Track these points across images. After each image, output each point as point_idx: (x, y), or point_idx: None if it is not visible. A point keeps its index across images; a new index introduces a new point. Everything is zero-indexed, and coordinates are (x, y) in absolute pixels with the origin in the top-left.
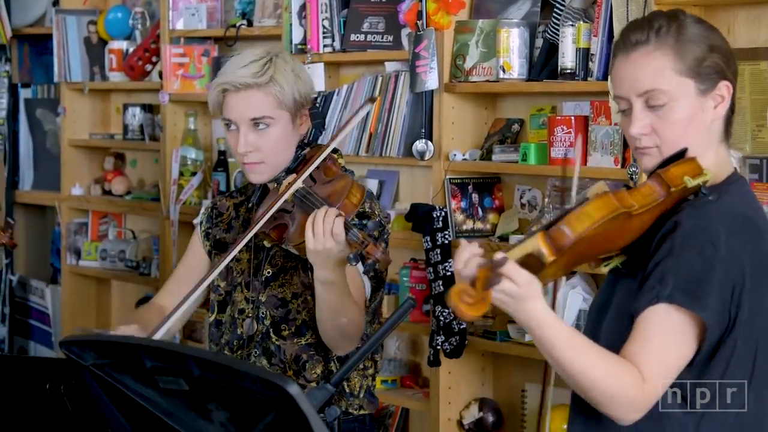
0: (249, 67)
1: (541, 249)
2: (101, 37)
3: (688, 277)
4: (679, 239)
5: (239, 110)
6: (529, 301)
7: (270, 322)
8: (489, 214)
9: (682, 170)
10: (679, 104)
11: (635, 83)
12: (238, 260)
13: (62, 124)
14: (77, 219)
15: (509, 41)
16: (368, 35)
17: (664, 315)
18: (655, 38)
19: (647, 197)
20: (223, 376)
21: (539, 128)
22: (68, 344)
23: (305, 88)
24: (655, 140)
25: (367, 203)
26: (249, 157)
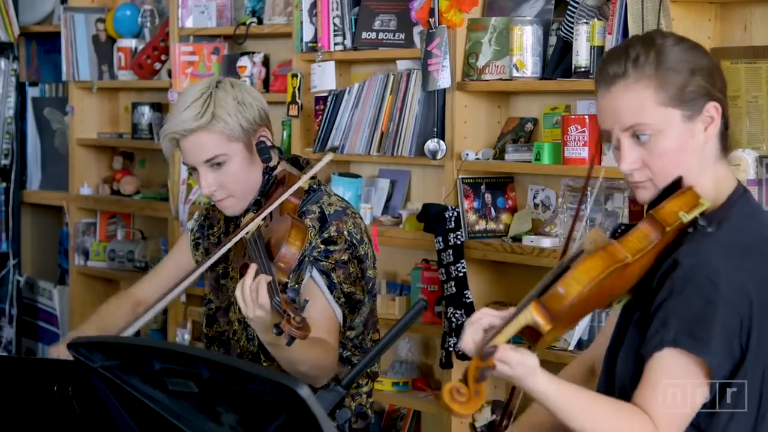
0: (189, 109)
1: (536, 319)
2: (110, 35)
3: (691, 319)
4: (679, 279)
5: (192, 154)
6: (527, 379)
7: (258, 343)
8: (502, 215)
9: (677, 205)
10: (666, 135)
11: (618, 118)
12: (231, 278)
13: (70, 124)
14: (85, 219)
15: (522, 39)
16: (380, 33)
17: (670, 360)
18: (633, 69)
19: (641, 242)
20: (233, 379)
21: (553, 127)
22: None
23: (252, 113)
24: (647, 174)
25: (333, 226)
26: (216, 195)
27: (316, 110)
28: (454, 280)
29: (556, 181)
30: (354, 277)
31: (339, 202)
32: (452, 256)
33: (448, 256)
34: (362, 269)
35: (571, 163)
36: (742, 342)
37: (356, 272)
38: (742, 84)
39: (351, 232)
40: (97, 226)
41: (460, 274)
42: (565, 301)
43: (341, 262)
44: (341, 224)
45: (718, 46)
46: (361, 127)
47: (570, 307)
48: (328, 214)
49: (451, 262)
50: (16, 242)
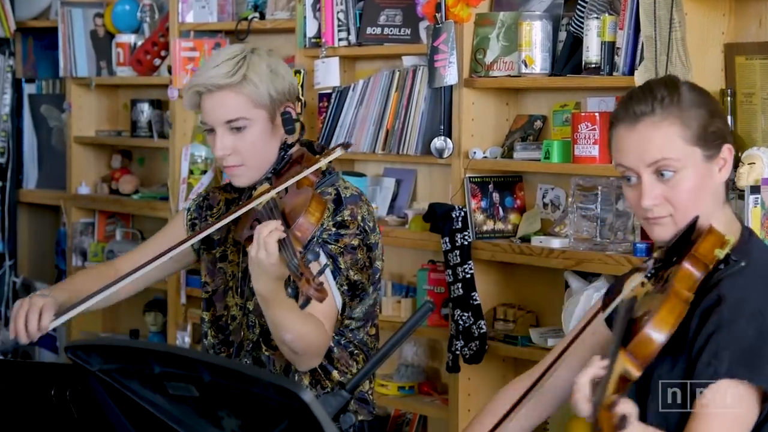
0: (221, 66)
1: (628, 369)
2: (108, 31)
3: (744, 350)
4: (726, 313)
5: (213, 113)
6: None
7: (259, 331)
8: (510, 215)
9: (711, 244)
10: (688, 172)
11: (644, 154)
12: (229, 262)
13: (68, 121)
14: (83, 219)
15: (531, 34)
16: (385, 28)
17: (726, 390)
18: (660, 108)
19: (690, 280)
20: (234, 382)
21: (563, 125)
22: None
23: (283, 85)
24: (669, 209)
25: (347, 210)
26: (228, 160)
27: (320, 107)
28: (461, 281)
29: (565, 180)
30: (361, 264)
31: (354, 188)
32: (459, 257)
33: (455, 257)
34: (370, 258)
35: (581, 161)
36: None
37: (364, 259)
38: (757, 80)
39: (365, 218)
40: (95, 226)
41: (467, 276)
42: (654, 345)
43: (350, 247)
44: (356, 209)
45: (732, 41)
46: (366, 125)
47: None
48: (344, 197)
49: (458, 263)
50: (12, 243)
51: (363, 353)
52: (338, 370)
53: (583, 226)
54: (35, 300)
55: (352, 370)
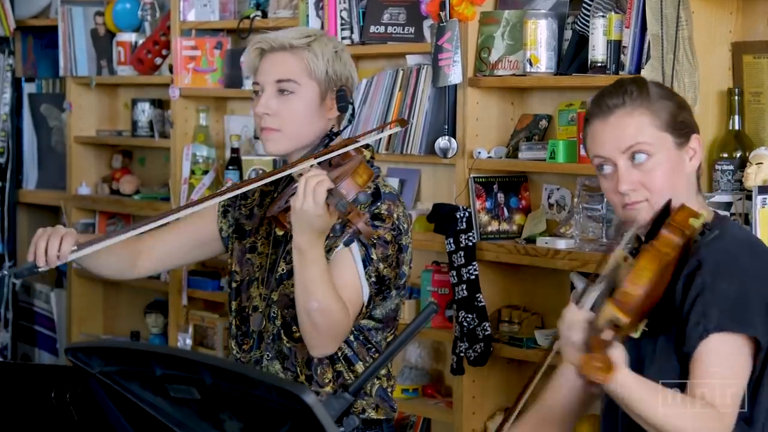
0: (291, 32)
1: (616, 315)
2: (109, 29)
3: (730, 305)
4: (708, 274)
5: (268, 71)
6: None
7: (281, 322)
8: (515, 215)
9: (685, 215)
10: (661, 157)
11: (618, 142)
12: (259, 253)
13: (68, 120)
14: (84, 220)
15: (537, 33)
16: (388, 27)
17: (718, 344)
18: (630, 100)
19: (670, 244)
20: (236, 385)
21: (568, 124)
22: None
23: (342, 70)
24: (644, 193)
25: (385, 205)
26: (267, 121)
27: None
28: (465, 282)
29: (571, 181)
30: (391, 260)
31: (392, 187)
32: (464, 258)
33: (460, 258)
34: (399, 259)
35: (587, 161)
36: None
37: (394, 257)
38: (764, 79)
39: (400, 218)
40: (95, 227)
41: (471, 277)
42: (638, 291)
43: (383, 240)
44: (393, 206)
45: (739, 40)
46: (370, 124)
47: (642, 298)
48: (383, 192)
49: (462, 264)
50: (11, 243)
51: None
52: (363, 361)
53: (589, 227)
54: (58, 228)
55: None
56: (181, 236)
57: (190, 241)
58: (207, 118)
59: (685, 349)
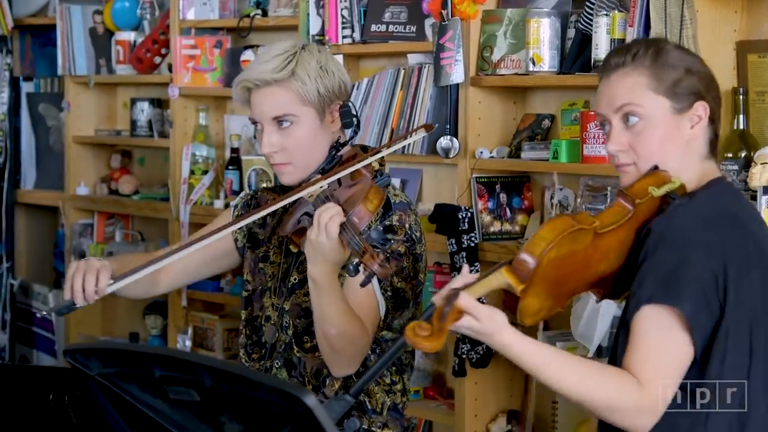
0: (270, 62)
1: (508, 281)
2: (107, 28)
3: (663, 275)
4: (651, 243)
5: (261, 109)
6: (496, 335)
7: (293, 332)
8: (518, 215)
9: (647, 183)
10: (654, 121)
11: (612, 100)
12: (271, 263)
13: (66, 120)
14: (82, 220)
15: (539, 32)
16: (390, 25)
17: (648, 316)
18: (631, 61)
19: (615, 215)
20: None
21: (571, 124)
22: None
23: (333, 83)
24: (632, 156)
25: (396, 215)
26: (275, 158)
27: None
28: None
29: (574, 181)
30: (406, 273)
31: (402, 195)
32: (466, 258)
33: (462, 258)
34: (415, 269)
35: (590, 161)
36: (720, 298)
37: (409, 269)
38: None
39: (412, 227)
40: (94, 228)
41: None
42: (532, 259)
43: (397, 253)
44: (404, 216)
45: (744, 39)
46: (371, 124)
47: (538, 268)
48: (393, 202)
49: None
50: (9, 244)
51: (396, 366)
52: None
53: None
54: (92, 262)
55: (386, 380)
56: (199, 253)
57: (207, 254)
58: (207, 117)
59: (626, 319)
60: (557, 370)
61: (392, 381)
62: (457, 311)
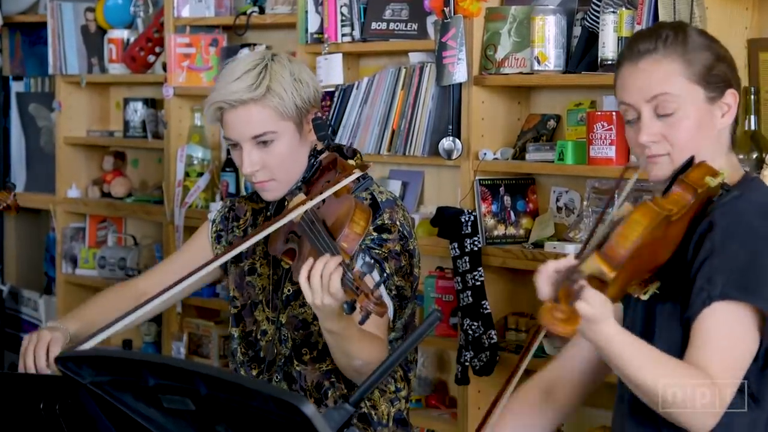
0: (242, 79)
1: (601, 268)
2: (100, 26)
3: (737, 271)
4: (718, 237)
5: (238, 129)
6: (601, 323)
7: (291, 345)
8: (522, 219)
9: (702, 173)
10: (688, 110)
11: (644, 89)
12: (259, 275)
13: (57, 121)
14: (73, 224)
15: (545, 30)
16: (390, 23)
17: (721, 313)
18: (663, 47)
19: (679, 202)
20: (233, 395)
21: (577, 125)
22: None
23: (308, 92)
24: (666, 147)
25: (386, 213)
26: (257, 176)
27: (323, 106)
28: (470, 289)
29: (580, 183)
30: (404, 270)
31: (388, 192)
32: (469, 263)
33: (465, 263)
34: (411, 264)
35: (596, 163)
36: None
37: (407, 266)
38: None
39: (402, 223)
40: (86, 231)
41: (477, 283)
42: (627, 244)
43: (394, 252)
44: (393, 213)
45: (755, 37)
46: (371, 125)
47: (631, 256)
48: (381, 201)
49: (467, 269)
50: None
51: (401, 369)
52: (377, 387)
53: None
54: (43, 334)
55: (390, 387)
56: (178, 272)
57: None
58: (202, 118)
59: (687, 315)
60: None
61: (397, 388)
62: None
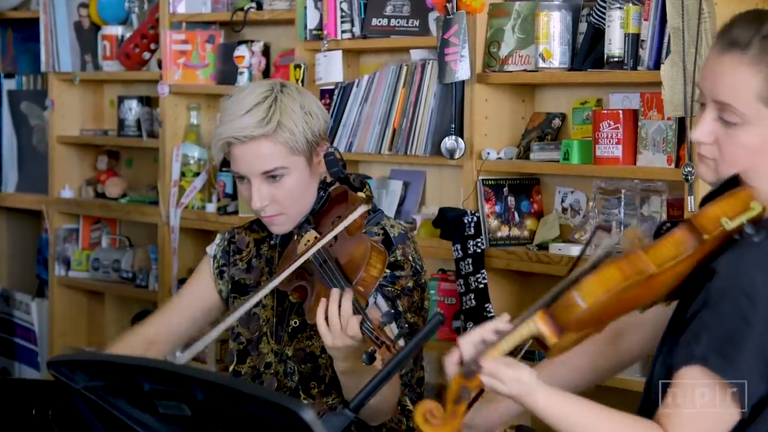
0: (252, 113)
1: (542, 330)
2: (93, 22)
3: (722, 337)
4: (715, 291)
5: (248, 164)
6: (524, 397)
7: (298, 378)
8: (526, 220)
9: (722, 209)
10: (752, 130)
11: (715, 88)
12: (263, 306)
13: (50, 119)
14: (67, 225)
15: (549, 26)
16: (391, 19)
17: (697, 378)
18: (757, 47)
19: (673, 250)
20: (230, 401)
21: (583, 123)
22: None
23: (318, 125)
24: (714, 153)
25: (399, 250)
26: (266, 211)
27: (322, 104)
28: (473, 292)
29: (586, 183)
30: (416, 306)
31: (399, 225)
32: (472, 265)
33: (467, 265)
34: (422, 299)
35: (603, 162)
36: None
37: (418, 301)
38: None
39: (415, 258)
40: (79, 233)
41: (480, 286)
42: (574, 313)
43: (407, 289)
44: (406, 248)
45: None
46: (371, 124)
47: (580, 320)
48: (393, 236)
49: (470, 272)
50: None
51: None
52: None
53: None
54: None
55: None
56: (184, 312)
57: (193, 314)
58: (198, 116)
59: (669, 363)
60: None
61: (408, 427)
62: (477, 383)
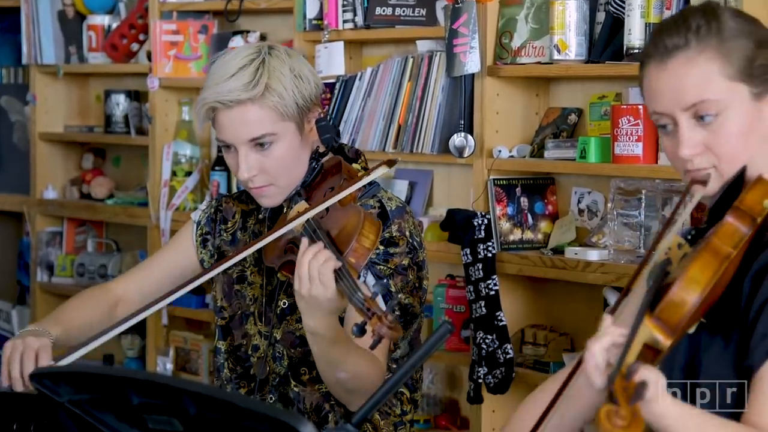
0: (238, 76)
1: (656, 337)
2: (78, 11)
3: None
4: None
5: (234, 131)
6: (658, 399)
7: (288, 363)
8: (540, 222)
9: (759, 194)
10: (732, 114)
11: (679, 96)
12: (250, 284)
13: (32, 115)
14: (49, 228)
15: (565, 15)
16: (396, 8)
17: None
18: (695, 40)
19: (734, 236)
20: (224, 416)
21: (601, 119)
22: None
23: (309, 89)
24: (711, 159)
25: (395, 225)
26: (255, 182)
27: (322, 99)
28: (484, 299)
29: (604, 183)
30: (412, 285)
31: (397, 199)
32: (482, 271)
33: (478, 271)
34: (419, 278)
35: (622, 161)
36: None
37: (414, 281)
38: None
39: (412, 233)
40: (63, 236)
41: (491, 293)
42: (685, 308)
43: (401, 267)
44: (403, 223)
45: None
46: (375, 119)
47: (690, 315)
48: (390, 210)
49: (480, 278)
50: None
51: (407, 389)
52: (379, 411)
53: (625, 236)
54: (29, 341)
55: (396, 410)
56: (159, 275)
57: (169, 278)
58: (190, 112)
59: (747, 363)
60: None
61: (402, 411)
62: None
